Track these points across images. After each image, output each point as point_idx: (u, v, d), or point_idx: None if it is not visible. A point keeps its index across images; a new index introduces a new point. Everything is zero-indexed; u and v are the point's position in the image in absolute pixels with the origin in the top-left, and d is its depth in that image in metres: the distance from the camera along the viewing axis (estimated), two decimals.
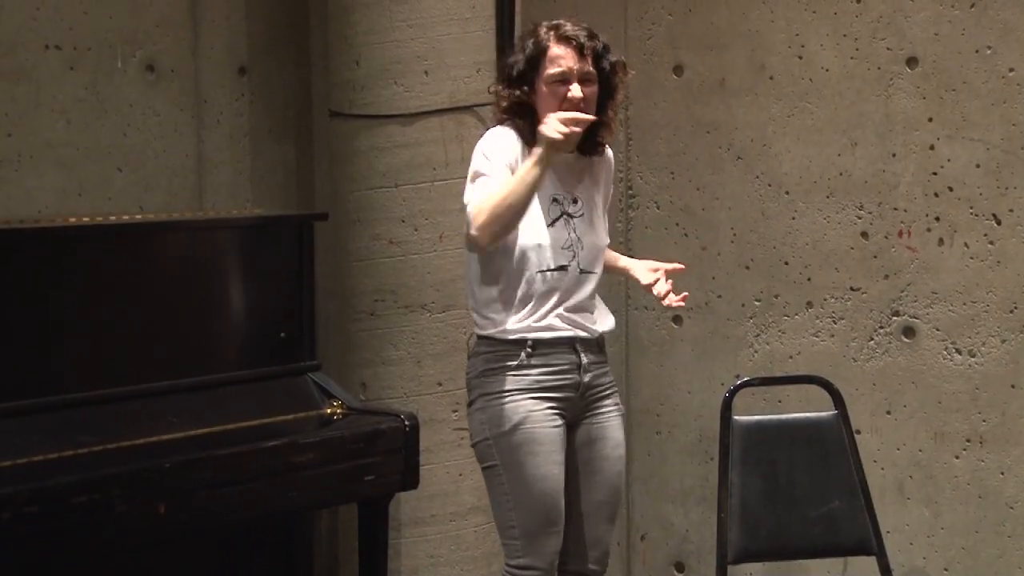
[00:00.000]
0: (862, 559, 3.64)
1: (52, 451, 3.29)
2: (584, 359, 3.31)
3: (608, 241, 3.44)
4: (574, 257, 3.30)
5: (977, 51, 3.98)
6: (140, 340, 3.63)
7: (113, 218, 3.88)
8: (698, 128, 4.34)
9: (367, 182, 4.12)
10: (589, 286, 3.35)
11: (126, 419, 3.49)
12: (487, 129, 3.38)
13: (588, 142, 3.34)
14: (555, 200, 3.31)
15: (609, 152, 3.46)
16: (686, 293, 3.34)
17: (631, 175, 4.44)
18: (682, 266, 3.47)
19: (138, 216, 4.01)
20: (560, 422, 3.29)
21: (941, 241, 4.06)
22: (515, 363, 3.27)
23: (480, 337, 3.31)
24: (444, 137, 4.05)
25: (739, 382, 3.70)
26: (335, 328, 4.26)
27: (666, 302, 3.33)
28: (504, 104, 3.33)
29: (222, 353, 3.79)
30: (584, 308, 3.34)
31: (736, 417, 3.60)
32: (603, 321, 3.41)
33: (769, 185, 4.26)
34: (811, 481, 3.58)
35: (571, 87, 3.24)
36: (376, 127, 4.09)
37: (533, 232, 3.27)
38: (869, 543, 3.56)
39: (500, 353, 3.28)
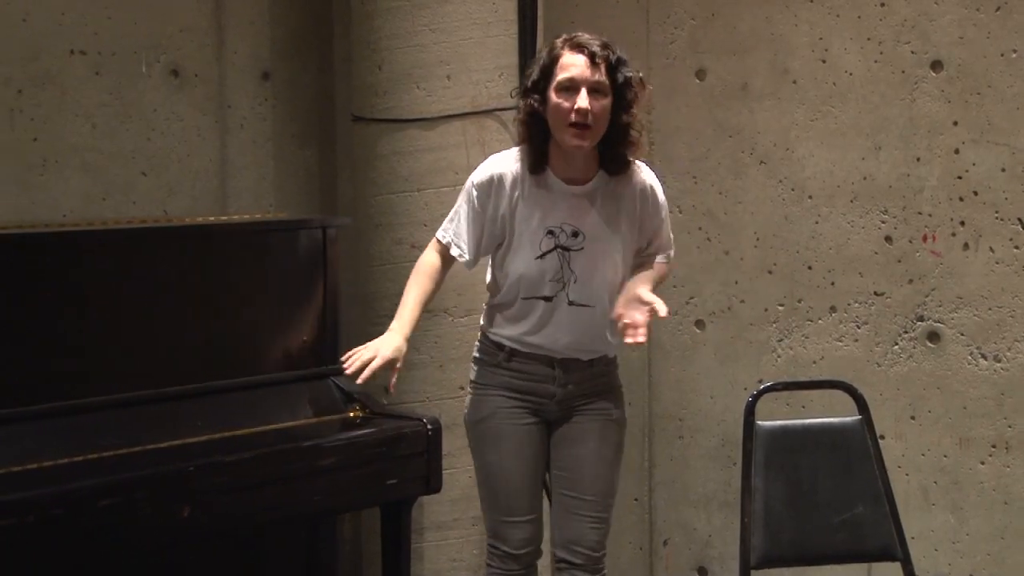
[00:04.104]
0: (886, 565, 3.62)
1: (78, 454, 3.30)
2: (560, 375, 3.38)
3: (626, 271, 3.40)
4: (563, 289, 3.36)
5: (1002, 54, 3.97)
6: (164, 344, 3.64)
7: (137, 222, 3.90)
8: (721, 132, 4.33)
9: (389, 186, 4.12)
10: (584, 318, 3.36)
11: (150, 422, 3.50)
12: (511, 133, 3.40)
13: (608, 159, 3.34)
14: (550, 232, 3.35)
15: (646, 176, 3.42)
16: (643, 340, 3.24)
17: None
18: (664, 313, 3.27)
19: (162, 220, 4.03)
20: (532, 419, 3.43)
21: (966, 246, 4.05)
22: (494, 361, 3.44)
23: (480, 327, 3.50)
24: (466, 141, 4.06)
25: (762, 387, 3.68)
26: (358, 332, 4.26)
27: (627, 339, 3.25)
28: (521, 116, 3.36)
29: (245, 357, 3.80)
30: (574, 336, 3.39)
31: (759, 422, 3.58)
32: (597, 353, 3.43)
33: (792, 189, 4.25)
34: (835, 486, 3.56)
35: (578, 96, 3.25)
36: (398, 131, 4.10)
37: (521, 262, 3.37)
38: (894, 549, 3.54)
39: (484, 347, 3.47)
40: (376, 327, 4.16)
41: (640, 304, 3.27)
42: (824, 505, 3.55)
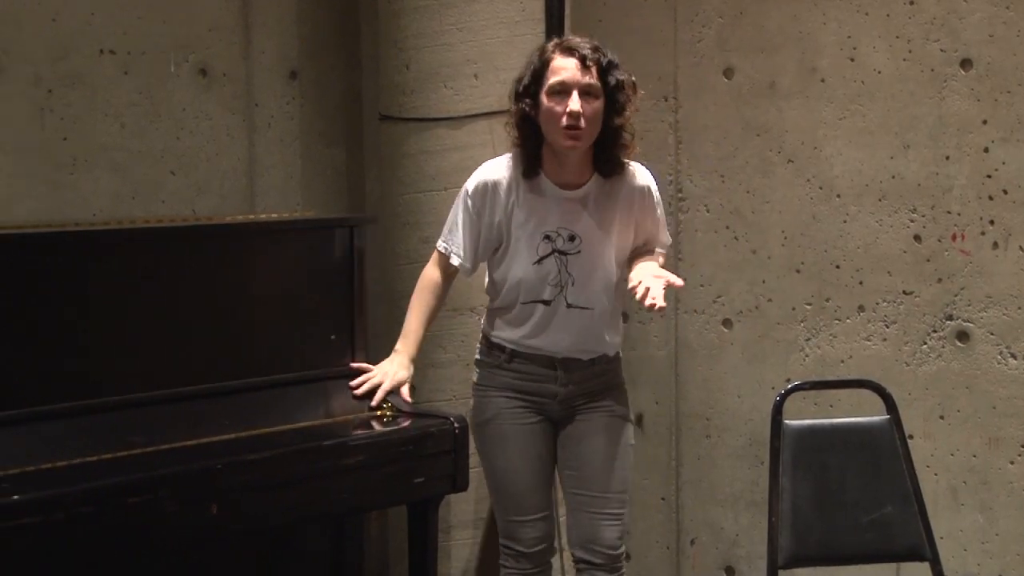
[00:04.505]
0: (915, 565, 3.61)
1: (106, 452, 3.31)
2: (561, 375, 3.39)
3: (623, 271, 3.45)
4: (561, 292, 3.40)
5: None
6: (192, 342, 3.66)
7: (166, 221, 3.91)
8: (748, 131, 4.32)
9: (416, 185, 4.13)
10: (583, 321, 3.40)
11: (178, 420, 3.51)
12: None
13: (601, 161, 3.37)
14: (547, 237, 3.39)
15: (639, 177, 3.46)
16: (663, 305, 3.23)
17: (681, 178, 4.42)
18: (680, 283, 3.31)
19: (191, 219, 4.05)
20: (536, 419, 3.48)
21: (995, 244, 4.02)
22: (495, 363, 3.49)
23: (482, 330, 3.56)
24: (493, 140, 4.05)
25: (790, 386, 3.67)
26: (385, 330, 4.27)
27: (646, 303, 3.23)
28: (513, 120, 3.38)
29: (273, 355, 3.81)
30: (573, 340, 3.44)
31: (787, 421, 3.58)
32: (597, 354, 3.47)
33: (820, 188, 4.23)
34: (863, 486, 3.55)
35: (569, 100, 3.27)
36: (425, 130, 4.10)
37: (518, 268, 3.42)
38: (922, 549, 3.53)
39: (485, 349, 3.52)
40: (402, 326, 4.17)
41: (654, 279, 3.28)
42: (852, 505, 3.54)
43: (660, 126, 4.42)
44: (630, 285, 3.31)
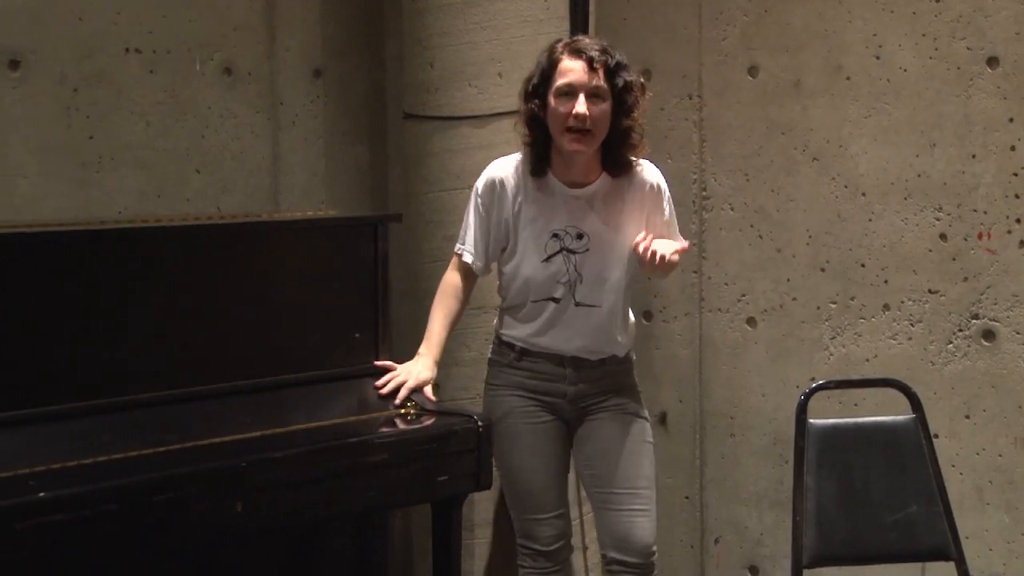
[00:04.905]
0: (940, 565, 3.60)
1: (132, 450, 3.33)
2: (571, 374, 3.40)
3: (633, 268, 3.46)
4: (570, 290, 3.42)
5: None
6: (218, 340, 3.66)
7: (191, 219, 3.92)
8: (773, 129, 4.31)
9: (440, 183, 4.13)
10: (591, 319, 3.41)
11: (203, 418, 3.52)
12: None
13: (609, 161, 3.38)
14: (555, 235, 3.41)
15: (648, 175, 3.47)
16: (663, 254, 3.31)
17: (705, 177, 4.42)
18: (686, 244, 3.46)
19: (215, 217, 4.06)
20: (548, 417, 3.48)
21: (1022, 243, 4.01)
22: (506, 361, 3.51)
23: (494, 328, 3.58)
24: (517, 139, 4.06)
25: (815, 385, 3.67)
26: (409, 329, 4.27)
27: (643, 246, 3.33)
28: (522, 119, 3.45)
29: (297, 353, 3.81)
30: (582, 336, 3.44)
31: (811, 420, 3.57)
32: (607, 354, 3.47)
33: (845, 187, 4.22)
34: (888, 485, 3.54)
35: (576, 102, 3.28)
36: (450, 129, 4.10)
37: (527, 266, 3.44)
38: (948, 548, 3.52)
39: (497, 349, 3.54)
40: (426, 324, 4.18)
41: (659, 241, 3.38)
42: (877, 504, 3.53)
43: (684, 124, 4.41)
44: (632, 245, 3.36)
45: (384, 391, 3.62)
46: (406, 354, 4.05)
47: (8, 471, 3.13)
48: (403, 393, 3.61)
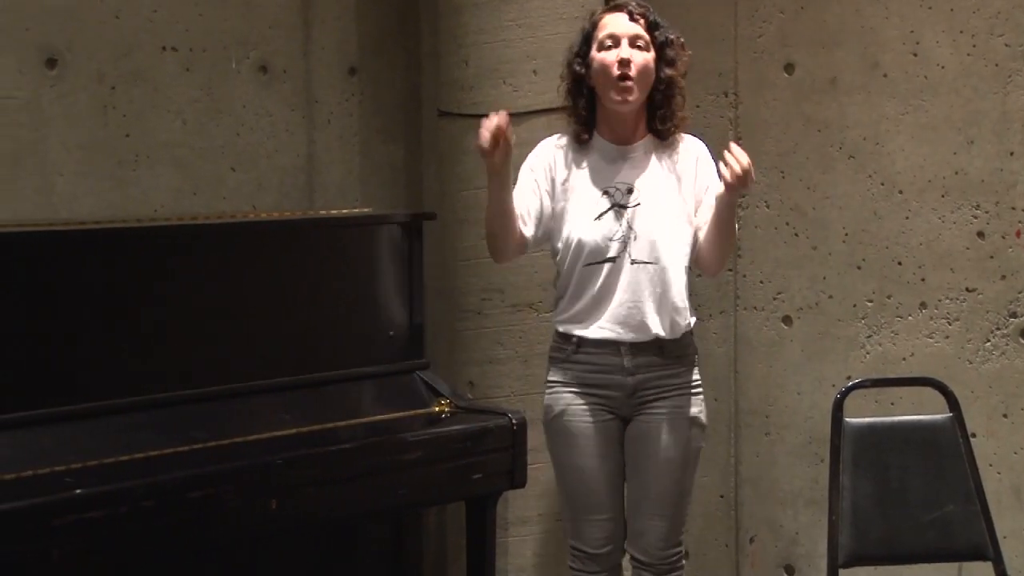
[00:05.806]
0: (977, 564, 3.57)
1: (168, 447, 3.35)
2: (629, 363, 3.35)
3: (687, 230, 3.41)
4: (624, 248, 3.36)
5: None
6: (252, 338, 3.68)
7: (227, 217, 3.94)
8: (809, 127, 4.29)
9: (475, 181, 4.13)
10: (648, 277, 3.34)
11: (238, 416, 3.54)
12: None
13: (655, 120, 3.39)
14: (606, 192, 3.39)
15: (694, 144, 3.48)
16: (738, 172, 3.22)
17: None
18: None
19: (251, 215, 4.07)
20: (606, 416, 3.41)
21: None
22: (563, 356, 3.43)
23: (554, 324, 3.50)
24: (552, 136, 4.06)
25: (851, 383, 3.65)
26: (443, 327, 4.28)
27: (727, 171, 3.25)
28: (567, 85, 3.43)
29: (332, 351, 3.83)
30: (639, 301, 3.35)
31: (847, 419, 3.55)
32: (665, 322, 3.39)
33: (882, 184, 4.19)
34: (924, 485, 3.52)
35: (620, 48, 3.32)
36: None
37: (576, 227, 3.37)
38: (985, 548, 3.49)
39: (555, 344, 3.47)
40: (462, 322, 4.19)
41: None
42: (913, 503, 3.50)
43: (720, 122, 4.40)
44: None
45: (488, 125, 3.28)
46: (440, 352, 4.07)
47: (45, 468, 3.16)
48: (496, 123, 3.27)
